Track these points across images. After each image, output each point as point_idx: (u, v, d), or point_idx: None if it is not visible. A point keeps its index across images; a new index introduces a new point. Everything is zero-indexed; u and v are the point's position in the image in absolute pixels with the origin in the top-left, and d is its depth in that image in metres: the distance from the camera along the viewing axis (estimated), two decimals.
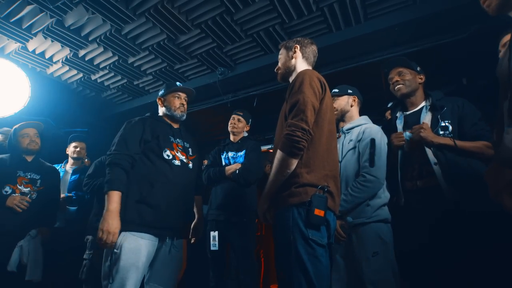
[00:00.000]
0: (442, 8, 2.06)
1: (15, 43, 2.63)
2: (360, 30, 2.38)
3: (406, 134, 1.70)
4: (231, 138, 2.70)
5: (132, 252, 1.51)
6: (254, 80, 3.06)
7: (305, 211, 1.20)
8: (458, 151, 1.52)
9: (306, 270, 1.16)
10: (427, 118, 1.69)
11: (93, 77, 3.19)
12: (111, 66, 2.97)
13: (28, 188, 2.39)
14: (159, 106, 1.97)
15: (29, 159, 2.49)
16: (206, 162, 2.90)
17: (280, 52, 1.58)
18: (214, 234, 2.37)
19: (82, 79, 3.22)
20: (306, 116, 1.24)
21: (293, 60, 1.51)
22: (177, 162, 1.72)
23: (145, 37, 2.56)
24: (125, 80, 3.25)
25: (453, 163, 1.54)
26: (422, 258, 1.52)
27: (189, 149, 1.88)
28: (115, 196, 1.52)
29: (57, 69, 3.03)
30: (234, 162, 2.57)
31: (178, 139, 1.84)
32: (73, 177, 2.92)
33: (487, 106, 1.55)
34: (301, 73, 1.36)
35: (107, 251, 1.55)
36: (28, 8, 2.27)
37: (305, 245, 1.18)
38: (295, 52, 1.51)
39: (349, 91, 1.89)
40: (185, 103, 1.94)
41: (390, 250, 1.55)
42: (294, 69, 1.50)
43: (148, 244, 1.57)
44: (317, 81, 1.33)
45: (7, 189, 2.30)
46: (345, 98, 1.88)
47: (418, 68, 1.82)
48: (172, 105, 1.89)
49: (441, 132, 1.60)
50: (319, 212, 1.18)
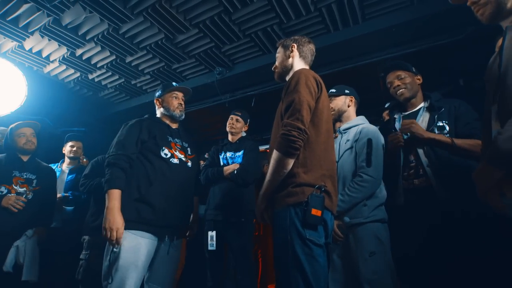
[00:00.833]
0: (439, 9, 2.07)
1: (12, 41, 2.61)
2: (358, 30, 2.38)
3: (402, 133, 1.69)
4: (229, 138, 2.69)
5: (132, 251, 1.51)
6: (252, 80, 3.06)
7: (302, 211, 1.20)
8: (451, 148, 1.50)
9: (303, 270, 1.15)
10: (424, 118, 1.69)
11: (90, 77, 3.18)
12: (109, 65, 2.96)
13: (24, 188, 2.37)
14: (156, 107, 1.98)
15: (25, 159, 2.47)
16: (202, 162, 2.90)
17: (277, 51, 1.57)
18: (212, 234, 2.38)
19: (79, 78, 3.21)
20: (302, 116, 1.23)
21: (290, 59, 1.50)
22: (175, 161, 1.73)
23: (143, 36, 2.56)
24: (123, 80, 3.24)
25: (445, 163, 1.53)
26: (419, 259, 1.52)
27: (188, 149, 1.89)
28: (114, 194, 1.53)
29: (54, 68, 3.02)
30: (232, 162, 2.57)
31: (176, 139, 1.84)
32: (70, 176, 2.90)
33: (483, 106, 1.56)
34: (297, 72, 1.35)
35: (106, 251, 1.54)
36: (25, 7, 2.25)
37: (302, 245, 1.18)
38: (292, 51, 1.50)
39: (346, 91, 1.89)
40: (182, 102, 1.96)
41: (387, 250, 1.55)
42: (291, 68, 1.49)
43: (148, 243, 1.56)
44: (313, 80, 1.33)
45: (3, 189, 2.28)
46: (342, 98, 1.88)
47: (414, 69, 1.81)
48: (170, 105, 1.91)
49: (437, 132, 1.60)
50: (316, 212, 1.18)
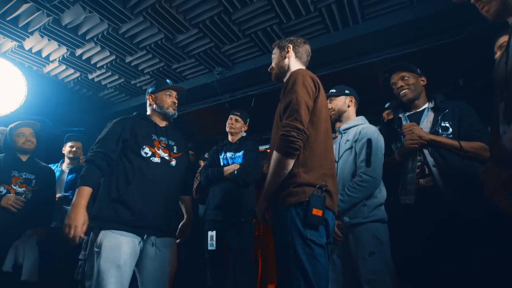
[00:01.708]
0: (439, 9, 2.08)
1: (12, 41, 2.61)
2: (358, 30, 2.38)
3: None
4: (229, 138, 2.69)
5: (112, 249, 1.47)
6: (252, 80, 3.06)
7: (303, 211, 1.19)
8: (457, 151, 1.51)
9: (304, 270, 1.15)
10: (428, 118, 1.70)
11: (90, 76, 3.18)
12: (108, 65, 2.96)
13: (23, 188, 2.36)
14: (148, 103, 1.93)
15: (24, 159, 2.46)
16: (202, 163, 2.90)
17: (273, 52, 1.56)
18: (212, 234, 2.38)
19: (79, 78, 3.20)
20: (300, 116, 1.23)
21: (286, 59, 1.49)
22: (156, 159, 1.69)
23: (143, 36, 2.56)
24: (122, 80, 3.24)
25: (451, 163, 1.54)
26: (422, 259, 1.52)
27: (174, 147, 1.83)
28: (82, 191, 1.49)
29: (54, 68, 3.02)
30: (233, 163, 2.56)
31: (162, 137, 1.80)
32: (70, 176, 2.89)
33: (483, 107, 1.56)
34: (294, 73, 1.35)
35: (89, 251, 1.50)
36: (25, 7, 2.25)
37: (303, 245, 1.18)
38: (288, 51, 1.50)
39: (346, 91, 1.89)
40: (176, 101, 1.92)
41: (386, 250, 1.55)
42: (287, 69, 1.49)
43: (130, 242, 1.52)
44: (310, 80, 1.32)
45: (2, 189, 2.28)
46: (342, 98, 1.88)
47: (419, 71, 1.81)
48: (164, 103, 1.87)
49: (441, 132, 1.61)
50: (317, 212, 1.18)
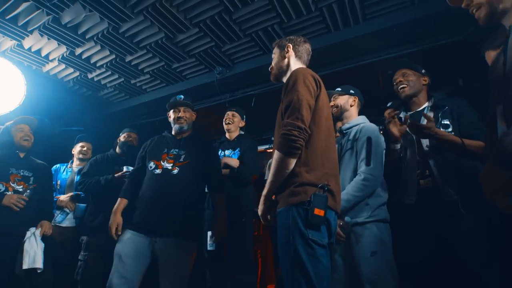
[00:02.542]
0: (440, 9, 2.07)
1: (11, 40, 2.60)
2: (359, 30, 2.38)
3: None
4: (227, 136, 2.67)
5: (121, 242, 1.82)
6: (252, 80, 3.05)
7: (305, 211, 1.18)
8: (459, 148, 1.50)
9: (306, 271, 1.14)
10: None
11: (89, 76, 3.17)
12: (108, 64, 2.95)
13: (21, 186, 2.34)
14: None
15: (21, 156, 2.44)
16: None
17: (273, 51, 1.55)
18: (211, 234, 2.36)
19: (79, 78, 3.19)
20: (301, 115, 1.22)
21: (286, 59, 1.49)
22: (157, 171, 1.94)
23: (143, 35, 2.55)
24: (122, 79, 3.23)
25: (451, 164, 1.54)
26: (424, 259, 1.52)
27: (182, 156, 2.00)
28: (118, 201, 1.97)
29: (53, 67, 3.01)
30: None
31: (174, 149, 2.02)
32: (79, 177, 2.90)
33: (482, 107, 1.56)
34: (295, 72, 1.34)
35: None
36: (24, 5, 2.24)
37: (305, 246, 1.16)
38: (287, 51, 1.48)
39: (351, 91, 1.90)
40: (183, 114, 2.14)
41: (389, 250, 1.55)
42: (287, 68, 1.48)
43: (136, 239, 1.80)
44: (311, 78, 1.31)
45: (0, 187, 2.26)
46: (345, 97, 1.88)
47: (423, 71, 1.82)
48: (171, 119, 2.17)
49: (442, 130, 1.60)
50: (319, 212, 1.16)
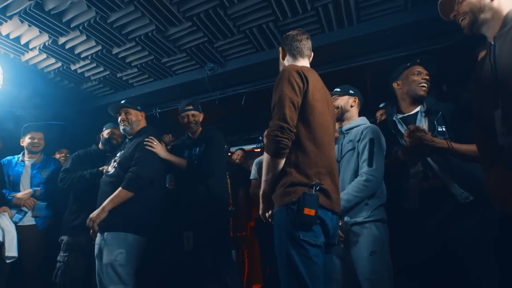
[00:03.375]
0: (432, 15, 2.11)
1: None
2: (352, 32, 2.40)
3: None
4: (190, 135, 2.47)
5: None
6: (244, 78, 3.02)
7: (295, 211, 1.17)
8: (454, 154, 1.53)
9: (298, 272, 1.13)
10: (424, 124, 1.71)
11: (73, 67, 3.01)
12: (94, 56, 2.81)
13: None
14: None
15: None
16: None
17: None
18: (188, 234, 2.26)
19: (61, 69, 3.02)
20: (284, 114, 1.22)
21: (282, 60, 1.51)
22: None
23: (133, 27, 2.45)
24: (108, 72, 3.09)
25: (454, 165, 1.56)
26: (425, 259, 1.54)
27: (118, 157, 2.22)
28: None
29: (34, 56, 2.83)
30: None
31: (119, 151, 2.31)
32: (34, 171, 2.77)
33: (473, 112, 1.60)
34: (282, 71, 1.35)
35: None
36: None
37: (296, 247, 1.16)
38: (280, 53, 1.52)
39: (351, 91, 1.89)
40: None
41: (386, 250, 1.56)
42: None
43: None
44: (295, 75, 1.28)
45: None
46: (345, 98, 1.88)
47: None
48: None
49: (439, 137, 1.62)
50: (309, 211, 1.15)
